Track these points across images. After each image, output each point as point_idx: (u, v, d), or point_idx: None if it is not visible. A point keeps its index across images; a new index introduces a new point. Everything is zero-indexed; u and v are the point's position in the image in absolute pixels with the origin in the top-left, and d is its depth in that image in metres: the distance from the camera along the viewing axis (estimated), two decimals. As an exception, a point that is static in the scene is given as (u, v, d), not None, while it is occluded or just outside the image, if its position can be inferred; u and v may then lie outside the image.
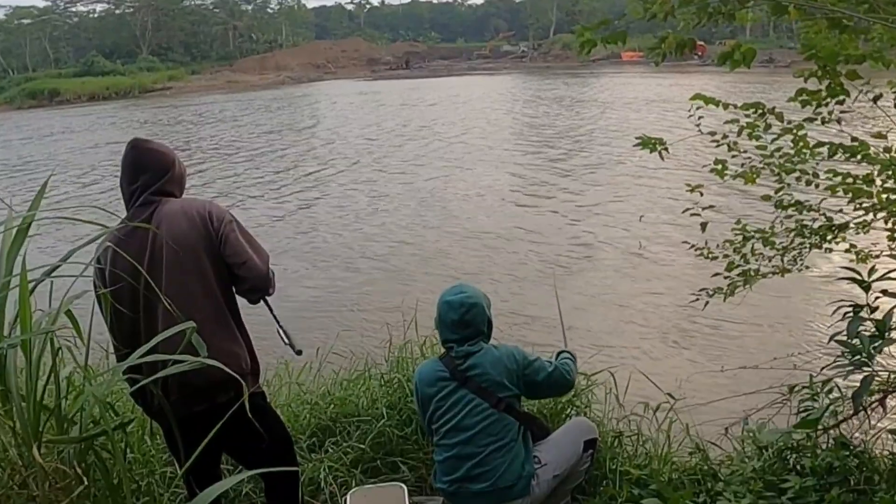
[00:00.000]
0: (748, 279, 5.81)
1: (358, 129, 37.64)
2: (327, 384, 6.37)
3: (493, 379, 4.23)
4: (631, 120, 34.36)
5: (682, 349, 10.15)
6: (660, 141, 5.06)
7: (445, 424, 4.30)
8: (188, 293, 3.62)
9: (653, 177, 21.13)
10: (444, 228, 17.75)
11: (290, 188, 23.82)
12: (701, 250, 5.98)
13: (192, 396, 3.62)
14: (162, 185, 3.79)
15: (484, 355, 4.28)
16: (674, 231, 15.31)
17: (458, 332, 4.30)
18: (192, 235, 3.67)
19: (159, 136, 35.10)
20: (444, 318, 4.34)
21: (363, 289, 13.69)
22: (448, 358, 4.33)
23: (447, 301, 4.33)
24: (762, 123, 5.00)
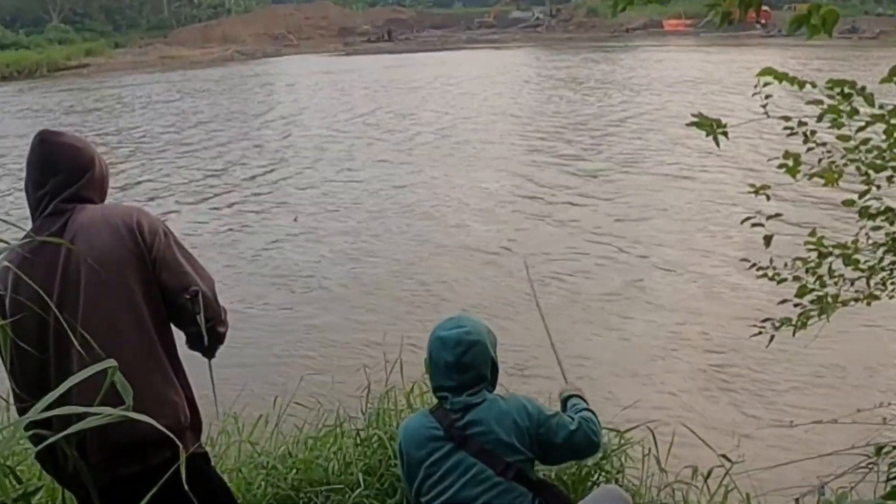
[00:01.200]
0: (825, 307, 5.47)
1: (323, 119, 37.48)
2: (288, 443, 6.37)
3: (500, 438, 4.06)
4: (670, 107, 34.38)
5: (739, 399, 10.07)
6: (718, 122, 4.60)
7: (439, 497, 4.11)
8: (112, 326, 3.57)
9: (696, 177, 21.23)
10: (434, 244, 17.69)
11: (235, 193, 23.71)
12: (764, 270, 5.65)
13: (117, 457, 3.58)
14: (78, 189, 3.74)
15: (488, 408, 4.12)
16: (725, 246, 15.35)
17: (455, 378, 4.15)
18: (118, 251, 3.62)
19: (74, 127, 35.14)
20: (436, 359, 4.20)
21: (333, 322, 13.58)
22: (441, 411, 4.19)
23: (440, 337, 4.19)
24: (847, 108, 4.67)
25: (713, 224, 17.27)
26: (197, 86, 57.41)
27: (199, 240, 18.69)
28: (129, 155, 30.64)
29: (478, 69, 58.62)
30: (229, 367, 10.25)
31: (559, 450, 4.30)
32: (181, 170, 27.34)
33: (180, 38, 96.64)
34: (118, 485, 3.53)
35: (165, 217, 19.57)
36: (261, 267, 16.90)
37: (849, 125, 4.78)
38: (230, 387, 4.75)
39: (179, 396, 3.76)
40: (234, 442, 6.49)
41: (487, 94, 43.81)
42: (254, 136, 33.97)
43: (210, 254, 17.26)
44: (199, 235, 19.16)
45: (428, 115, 37.05)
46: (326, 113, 39.91)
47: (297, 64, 74.05)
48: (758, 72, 4.68)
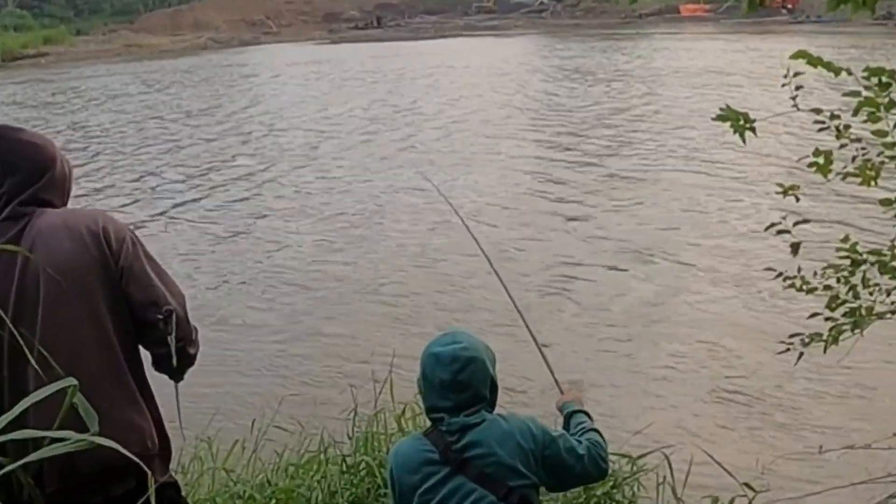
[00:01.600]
0: (858, 321, 5.34)
1: (308, 116, 37.25)
2: (267, 470, 6.38)
3: (502, 461, 3.95)
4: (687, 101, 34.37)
5: (763, 422, 10.03)
6: (746, 116, 4.64)
7: None
8: (73, 342, 3.56)
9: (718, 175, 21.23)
10: (431, 250, 17.69)
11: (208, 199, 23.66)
12: (791, 281, 5.50)
13: (78, 487, 3.56)
14: (37, 191, 3.72)
15: (487, 429, 4.01)
16: (748, 255, 15.33)
17: (451, 398, 4.03)
18: (81, 260, 3.60)
19: (30, 123, 35.11)
20: (430, 377, 4.08)
21: (316, 337, 13.56)
22: (436, 434, 4.06)
23: (434, 354, 4.08)
24: (886, 100, 4.52)
25: (735, 228, 17.25)
26: (166, 77, 57.21)
27: (167, 248, 18.70)
28: (90, 154, 30.49)
29: (477, 59, 58.38)
30: (202, 387, 10.26)
31: (566, 474, 4.22)
32: (146, 172, 27.20)
33: (148, 25, 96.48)
34: None
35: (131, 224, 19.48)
36: (237, 279, 16.88)
37: (886, 119, 4.62)
38: (203, 409, 4.73)
39: (147, 420, 3.75)
40: (208, 469, 6.50)
41: (488, 87, 43.59)
42: (232, 136, 33.79)
43: (178, 264, 17.28)
44: (168, 243, 19.13)
45: (428, 108, 36.97)
46: (312, 108, 39.57)
47: (278, 53, 73.89)
48: (790, 55, 4.56)
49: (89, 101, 47.63)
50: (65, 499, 3.55)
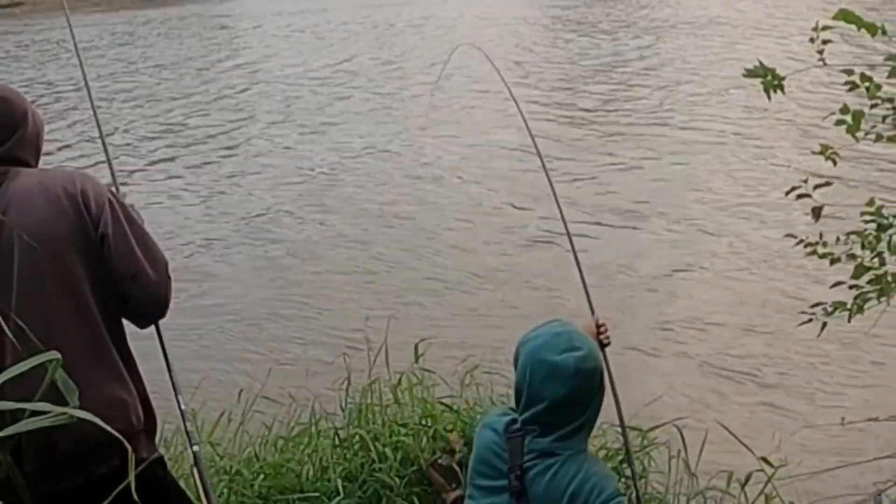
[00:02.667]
0: (885, 288, 5.29)
1: (294, 69, 37.16)
2: (254, 444, 6.37)
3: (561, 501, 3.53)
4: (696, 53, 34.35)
5: (781, 395, 10.00)
6: (773, 73, 4.57)
7: None
8: (51, 311, 3.52)
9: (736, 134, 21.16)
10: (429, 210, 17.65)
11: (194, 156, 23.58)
12: (813, 247, 5.44)
13: (59, 466, 3.53)
14: (9, 150, 3.67)
15: (566, 467, 3.56)
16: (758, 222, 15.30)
17: (554, 414, 3.59)
18: (58, 225, 3.54)
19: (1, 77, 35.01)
20: (538, 389, 3.60)
21: (308, 302, 13.53)
22: (517, 440, 3.64)
23: (552, 364, 3.57)
24: None
25: (754, 192, 17.22)
26: (145, 29, 57.07)
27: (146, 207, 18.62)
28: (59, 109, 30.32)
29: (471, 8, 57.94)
30: (185, 358, 10.24)
31: None
32: (128, 128, 27.12)
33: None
34: (58, 498, 3.48)
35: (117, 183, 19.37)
36: (226, 239, 16.87)
37: None
38: (187, 379, 4.71)
39: (131, 395, 3.71)
40: (194, 443, 6.47)
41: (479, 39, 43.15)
42: (210, 89, 33.63)
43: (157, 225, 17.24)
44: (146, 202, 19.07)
45: (416, 62, 36.80)
46: (293, 62, 39.52)
47: (263, 2, 73.76)
48: (834, 15, 4.38)
49: (61, 53, 47.44)
50: (44, 480, 3.50)
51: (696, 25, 42.58)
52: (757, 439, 5.92)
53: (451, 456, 5.67)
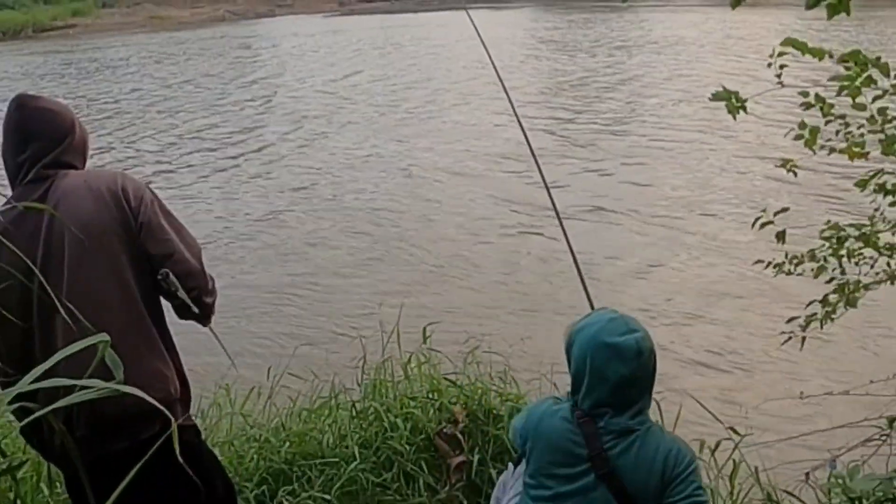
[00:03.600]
0: (850, 299, 5.40)
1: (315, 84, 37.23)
2: (281, 415, 6.38)
3: (645, 483, 3.50)
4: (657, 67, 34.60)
5: (748, 370, 10.06)
6: (737, 96, 4.64)
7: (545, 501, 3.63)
8: (98, 296, 3.54)
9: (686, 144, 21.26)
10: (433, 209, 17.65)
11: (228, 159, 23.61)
12: (780, 266, 5.59)
13: (105, 433, 3.55)
14: (59, 155, 3.71)
15: (644, 440, 3.52)
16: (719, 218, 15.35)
17: (622, 395, 3.52)
18: (103, 218, 3.59)
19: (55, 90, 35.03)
20: (603, 370, 3.50)
21: (328, 291, 13.56)
22: (590, 425, 3.55)
23: (613, 346, 3.50)
24: (862, 77, 4.53)
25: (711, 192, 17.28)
26: (184, 48, 56.85)
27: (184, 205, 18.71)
28: (109, 122, 30.21)
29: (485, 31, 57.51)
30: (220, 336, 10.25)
31: None
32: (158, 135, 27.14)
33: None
34: (106, 461, 3.48)
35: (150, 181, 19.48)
36: (252, 234, 16.89)
37: (865, 95, 4.64)
38: (221, 357, 4.71)
39: (169, 368, 3.74)
40: (226, 414, 6.50)
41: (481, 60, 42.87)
42: (230, 101, 33.53)
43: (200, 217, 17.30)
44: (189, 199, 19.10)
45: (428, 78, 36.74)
46: (319, 80, 39.42)
47: (291, 25, 73.53)
48: (782, 41, 4.54)
49: (109, 70, 47.38)
50: (93, 444, 3.54)
51: (662, 45, 42.70)
52: (725, 412, 5.92)
53: (454, 426, 5.68)
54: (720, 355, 10.34)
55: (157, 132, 27.42)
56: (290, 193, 19.79)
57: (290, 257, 15.29)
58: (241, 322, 12.02)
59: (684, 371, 9.90)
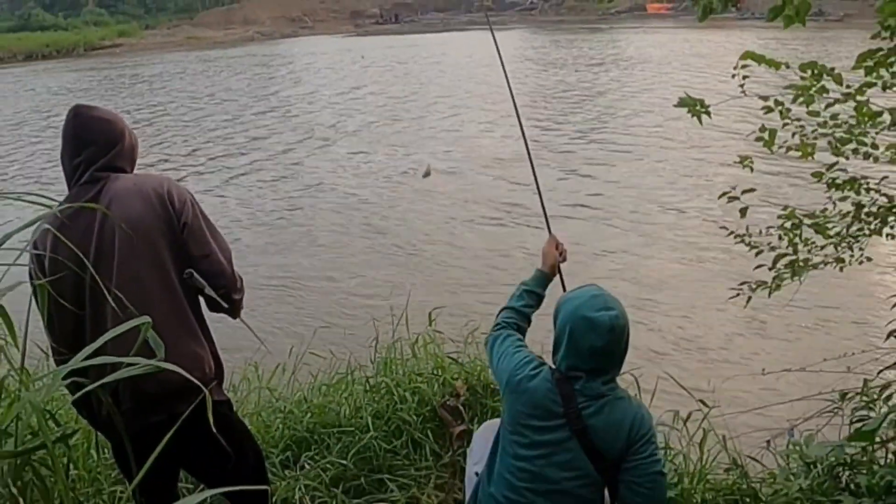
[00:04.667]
0: (797, 271, 5.57)
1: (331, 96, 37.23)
2: (303, 389, 6.37)
3: (613, 441, 3.61)
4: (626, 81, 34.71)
5: (717, 349, 10.10)
6: (701, 103, 4.73)
7: (522, 460, 3.70)
8: (143, 285, 3.56)
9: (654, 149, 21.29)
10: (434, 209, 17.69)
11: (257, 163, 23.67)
12: (741, 237, 5.78)
13: (148, 406, 3.56)
14: (110, 160, 3.71)
15: (614, 404, 3.63)
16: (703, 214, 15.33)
17: (595, 363, 3.61)
18: (149, 218, 3.60)
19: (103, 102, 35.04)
20: (579, 341, 3.60)
21: (345, 280, 13.60)
22: (567, 387, 3.64)
23: (590, 319, 3.57)
24: (817, 86, 4.72)
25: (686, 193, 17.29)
26: (218, 64, 57.01)
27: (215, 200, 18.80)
28: (152, 129, 30.23)
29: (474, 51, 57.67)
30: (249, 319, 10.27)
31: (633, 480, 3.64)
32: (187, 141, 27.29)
33: (205, 21, 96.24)
34: (148, 431, 3.48)
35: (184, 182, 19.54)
36: (276, 228, 16.95)
37: (819, 102, 4.80)
38: (250, 338, 4.72)
39: (205, 350, 3.75)
40: (255, 388, 6.51)
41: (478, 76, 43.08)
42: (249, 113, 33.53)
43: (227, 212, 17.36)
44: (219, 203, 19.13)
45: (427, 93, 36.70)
46: (335, 91, 39.47)
47: (313, 44, 73.48)
48: (742, 55, 4.65)
49: (146, 83, 47.44)
50: (137, 416, 3.55)
51: (633, 62, 42.84)
52: (697, 387, 5.91)
53: (456, 399, 5.68)
54: (688, 340, 10.40)
55: (184, 139, 27.48)
56: (306, 192, 19.92)
57: (310, 250, 15.39)
58: (269, 305, 12.09)
59: (659, 350, 9.94)
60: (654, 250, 14.04)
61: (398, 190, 19.56)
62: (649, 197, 17.45)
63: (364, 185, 20.21)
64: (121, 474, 4.40)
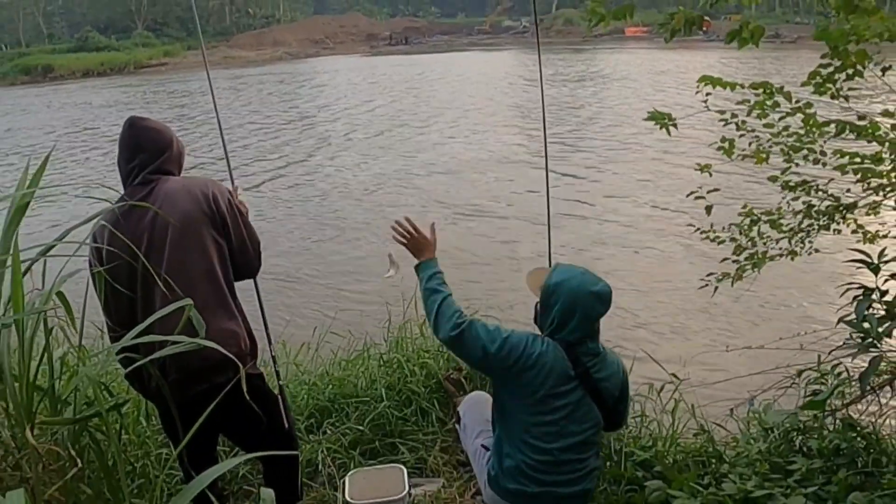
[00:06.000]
0: (756, 263, 5.82)
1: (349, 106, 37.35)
2: (325, 364, 6.39)
3: (615, 388, 3.91)
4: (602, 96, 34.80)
5: (687, 330, 10.13)
6: (669, 116, 4.84)
7: (547, 426, 3.79)
8: (188, 273, 3.60)
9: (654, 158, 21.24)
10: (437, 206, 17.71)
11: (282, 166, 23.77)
12: (707, 233, 6.01)
13: (191, 378, 3.59)
14: (160, 164, 3.76)
15: (609, 358, 3.90)
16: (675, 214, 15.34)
17: (595, 327, 3.85)
18: (195, 214, 3.64)
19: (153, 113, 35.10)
20: (588, 311, 3.76)
21: (359, 269, 13.63)
22: (574, 354, 3.78)
23: (596, 293, 3.74)
24: (770, 102, 4.86)
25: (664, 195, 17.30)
26: (251, 80, 57.10)
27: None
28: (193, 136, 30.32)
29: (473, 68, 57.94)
30: (279, 306, 10.33)
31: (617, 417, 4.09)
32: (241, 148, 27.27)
33: (240, 42, 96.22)
34: (191, 400, 3.53)
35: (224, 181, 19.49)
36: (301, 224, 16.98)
37: (772, 116, 4.98)
38: (279, 320, 4.77)
39: (241, 329, 3.77)
40: (283, 364, 6.50)
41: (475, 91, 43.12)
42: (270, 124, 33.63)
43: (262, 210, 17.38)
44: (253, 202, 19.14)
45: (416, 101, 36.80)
46: (353, 102, 39.56)
47: (334, 62, 73.62)
48: (698, 78, 4.80)
49: (188, 97, 47.52)
50: (182, 387, 3.58)
51: (610, 79, 43.12)
52: (669, 361, 5.91)
53: (458, 372, 5.68)
54: (661, 323, 10.44)
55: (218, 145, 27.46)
56: (324, 192, 20.00)
57: (329, 246, 15.39)
58: (295, 290, 12.11)
59: (638, 333, 9.97)
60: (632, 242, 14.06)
61: (402, 190, 19.58)
62: (625, 195, 17.49)
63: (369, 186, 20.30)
64: (166, 438, 4.42)
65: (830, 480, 4.15)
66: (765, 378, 5.50)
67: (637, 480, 4.47)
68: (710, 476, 4.40)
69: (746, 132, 5.36)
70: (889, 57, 4.68)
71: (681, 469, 4.55)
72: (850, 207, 5.45)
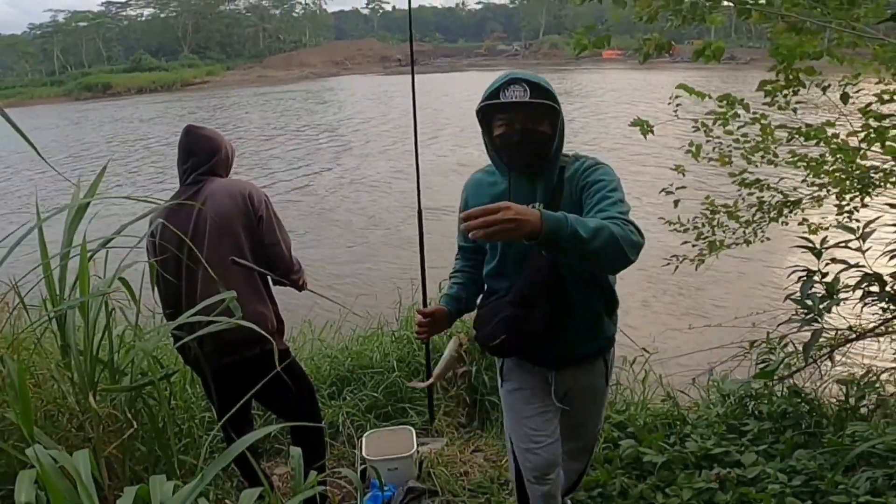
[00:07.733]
0: (714, 248, 5.93)
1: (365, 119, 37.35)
2: (345, 340, 6.41)
3: None
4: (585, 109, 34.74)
5: (655, 310, 10.12)
6: (647, 123, 5.00)
7: None
8: (226, 262, 3.60)
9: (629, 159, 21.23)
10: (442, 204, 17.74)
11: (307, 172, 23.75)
12: (674, 224, 6.14)
13: (223, 350, 3.60)
14: (210, 167, 3.77)
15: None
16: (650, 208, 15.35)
17: None
18: (233, 212, 3.64)
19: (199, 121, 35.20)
20: None
21: (375, 259, 13.71)
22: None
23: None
24: (731, 112, 5.02)
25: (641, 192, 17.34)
26: (281, 96, 57.11)
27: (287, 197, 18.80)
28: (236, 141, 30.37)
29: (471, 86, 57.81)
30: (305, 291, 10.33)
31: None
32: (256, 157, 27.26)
33: (272, 63, 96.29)
34: (224, 369, 3.61)
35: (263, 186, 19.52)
36: (328, 222, 16.98)
37: (733, 124, 5.14)
38: (305, 303, 4.78)
39: (269, 310, 3.77)
40: (309, 340, 6.54)
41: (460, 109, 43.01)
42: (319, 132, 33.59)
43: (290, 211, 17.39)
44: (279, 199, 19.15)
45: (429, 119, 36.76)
46: (368, 115, 39.53)
47: (352, 80, 73.70)
48: (676, 85, 4.94)
49: (227, 111, 47.58)
50: (215, 358, 3.61)
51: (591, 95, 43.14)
52: (639, 337, 5.91)
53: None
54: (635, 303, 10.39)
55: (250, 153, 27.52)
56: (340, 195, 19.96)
57: (348, 239, 15.42)
58: (318, 279, 12.14)
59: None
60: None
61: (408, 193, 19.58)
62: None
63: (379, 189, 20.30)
64: (209, 404, 4.45)
65: (779, 440, 4.18)
66: (722, 352, 5.52)
67: (613, 439, 4.48)
68: (676, 436, 4.42)
69: (712, 138, 5.46)
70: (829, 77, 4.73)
71: (650, 430, 4.56)
72: (796, 203, 5.59)
